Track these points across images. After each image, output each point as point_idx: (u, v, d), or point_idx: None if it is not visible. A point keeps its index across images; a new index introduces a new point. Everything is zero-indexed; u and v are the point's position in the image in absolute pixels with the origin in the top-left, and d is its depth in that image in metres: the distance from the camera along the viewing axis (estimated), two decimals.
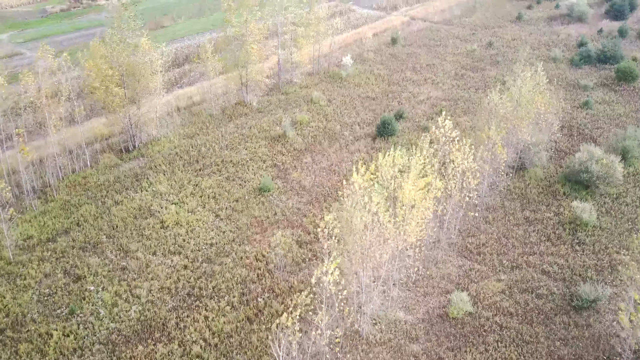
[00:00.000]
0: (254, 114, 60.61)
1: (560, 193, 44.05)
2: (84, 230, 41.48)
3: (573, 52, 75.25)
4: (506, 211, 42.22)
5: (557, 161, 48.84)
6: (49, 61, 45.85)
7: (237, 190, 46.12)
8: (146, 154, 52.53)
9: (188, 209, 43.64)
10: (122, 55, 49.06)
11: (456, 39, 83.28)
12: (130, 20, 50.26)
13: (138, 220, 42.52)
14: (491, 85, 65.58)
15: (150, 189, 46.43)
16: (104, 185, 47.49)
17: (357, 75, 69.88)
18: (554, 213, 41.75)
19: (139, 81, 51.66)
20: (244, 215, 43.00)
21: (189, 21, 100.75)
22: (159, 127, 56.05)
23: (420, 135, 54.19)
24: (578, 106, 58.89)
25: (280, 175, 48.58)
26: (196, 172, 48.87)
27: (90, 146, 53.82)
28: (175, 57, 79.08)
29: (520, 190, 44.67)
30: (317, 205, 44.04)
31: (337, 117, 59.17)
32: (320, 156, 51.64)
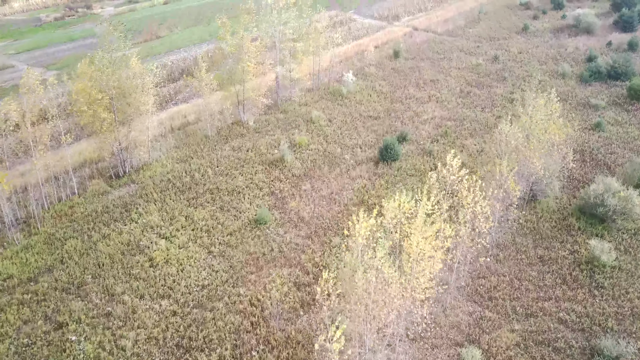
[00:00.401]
0: (251, 135, 58.05)
1: (574, 228, 41.43)
2: (69, 269, 38.92)
3: (582, 66, 72.64)
4: (518, 249, 39.62)
5: (569, 190, 46.24)
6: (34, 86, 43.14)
7: (231, 222, 43.55)
8: (137, 180, 49.98)
9: (179, 244, 41.07)
10: (112, 78, 46.42)
11: (460, 52, 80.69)
12: (120, 41, 47.62)
13: (126, 257, 39.94)
14: (498, 103, 63.19)
15: (140, 220, 43.86)
16: (92, 216, 44.93)
17: (358, 91, 67.33)
18: (569, 251, 39.13)
19: (130, 104, 49.13)
20: (239, 251, 40.41)
21: (186, 31, 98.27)
22: (152, 149, 53.52)
23: (424, 159, 51.88)
24: (589, 128, 56.25)
25: (278, 205, 46.01)
26: (189, 201, 46.31)
27: (79, 171, 51.35)
28: (170, 71, 76.68)
29: (532, 224, 42.07)
30: (317, 240, 41.43)
31: (338, 138, 56.60)
32: (320, 183, 49.07)
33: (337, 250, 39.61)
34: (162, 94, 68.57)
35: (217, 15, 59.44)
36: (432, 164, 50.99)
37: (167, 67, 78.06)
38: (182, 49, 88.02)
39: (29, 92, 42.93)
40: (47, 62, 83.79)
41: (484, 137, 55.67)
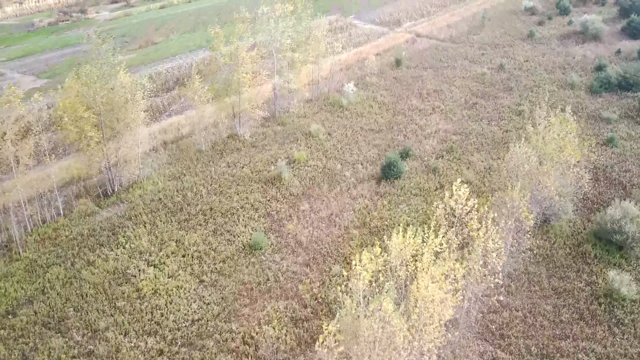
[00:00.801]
0: (247, 149, 55.50)
1: (590, 255, 38.84)
2: (50, 300, 36.35)
3: (590, 76, 70.08)
4: (530, 279, 37.03)
5: (583, 212, 43.66)
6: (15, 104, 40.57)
7: (225, 247, 40.98)
8: (126, 199, 47.42)
9: (168, 272, 38.48)
10: (100, 94, 43.78)
11: (464, 60, 78.16)
12: (108, 54, 45.00)
13: (111, 287, 37.37)
14: (505, 115, 60.67)
15: (127, 245, 41.28)
16: (77, 240, 42.35)
17: (359, 102, 64.78)
18: (585, 282, 36.54)
19: (119, 119, 46.55)
20: (232, 280, 37.83)
21: (182, 37, 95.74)
22: (143, 165, 50.92)
23: (429, 177, 49.32)
24: (601, 143, 53.68)
25: (274, 228, 43.44)
26: (180, 223, 43.74)
27: (65, 189, 48.77)
28: (164, 79, 74.18)
29: (545, 251, 39.48)
30: (315, 268, 38.86)
31: (338, 153, 54.04)
32: (319, 202, 46.50)
33: (336, 281, 37.04)
34: (156, 105, 66.14)
35: (209, 25, 56.77)
36: (438, 182, 48.51)
37: (161, 76, 75.65)
38: (178, 56, 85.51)
39: (9, 110, 40.34)
40: (38, 69, 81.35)
41: (490, 152, 53.14)
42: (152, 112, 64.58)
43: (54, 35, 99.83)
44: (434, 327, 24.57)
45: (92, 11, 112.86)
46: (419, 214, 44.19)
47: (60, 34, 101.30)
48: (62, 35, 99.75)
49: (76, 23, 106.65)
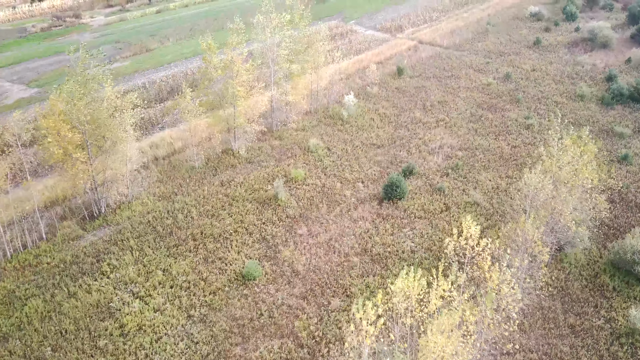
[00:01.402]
0: (242, 165, 52.86)
1: (608, 288, 36.15)
2: (27, 337, 33.67)
3: (601, 86, 67.45)
4: (545, 315, 34.31)
5: (599, 238, 40.95)
6: None
7: (215, 277, 38.29)
8: (113, 222, 44.76)
9: (155, 305, 35.79)
10: (84, 113, 41.00)
11: (469, 69, 75.48)
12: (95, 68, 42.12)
13: (93, 322, 34.68)
14: (513, 130, 57.99)
15: (112, 274, 38.59)
16: (59, 267, 39.68)
17: (360, 115, 62.12)
18: (604, 319, 33.84)
19: (105, 138, 43.80)
20: (222, 315, 35.14)
21: (178, 44, 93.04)
22: (132, 183, 48.18)
23: (434, 197, 46.64)
24: (615, 160, 50.97)
25: (269, 254, 40.75)
26: (169, 249, 41.06)
27: (48, 211, 46.09)
28: (158, 89, 71.53)
29: (559, 282, 36.76)
30: (313, 302, 36.16)
31: (337, 170, 51.37)
32: (317, 225, 43.83)
33: (336, 316, 34.36)
34: (148, 117, 63.49)
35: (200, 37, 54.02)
36: (443, 204, 45.83)
37: (155, 85, 73.06)
38: (173, 64, 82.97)
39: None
40: (29, 77, 78.75)
41: (499, 170, 50.45)
42: (144, 124, 61.99)
43: (47, 42, 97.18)
44: None
45: (87, 16, 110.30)
46: (424, 239, 41.50)
47: (52, 40, 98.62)
48: (54, 42, 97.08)
49: (70, 28, 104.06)
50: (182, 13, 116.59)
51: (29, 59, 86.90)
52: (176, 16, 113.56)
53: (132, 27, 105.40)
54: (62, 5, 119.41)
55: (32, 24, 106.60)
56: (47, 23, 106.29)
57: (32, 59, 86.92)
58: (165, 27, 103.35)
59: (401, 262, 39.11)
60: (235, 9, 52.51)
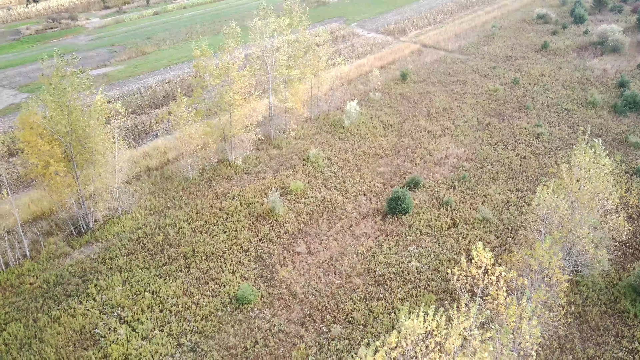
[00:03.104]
0: (238, 177, 50.43)
1: (629, 315, 33.64)
2: None
3: (613, 92, 64.92)
4: (562, 345, 31.80)
5: (618, 259, 38.43)
6: None
7: (208, 300, 35.82)
8: (102, 238, 42.34)
9: (142, 332, 33.33)
10: (62, 124, 38.43)
11: (475, 74, 72.99)
12: (73, 77, 39.39)
13: (77, 351, 32.23)
14: (522, 139, 55.48)
15: (99, 297, 36.15)
16: (42, 289, 37.24)
17: (362, 123, 59.66)
18: (627, 350, 31.33)
19: (89, 150, 41.21)
20: (215, 343, 32.67)
21: (174, 48, 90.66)
22: (122, 195, 45.71)
23: (441, 212, 44.19)
24: (631, 172, 48.45)
25: (266, 274, 38.29)
26: (159, 269, 38.60)
27: (33, 226, 43.67)
28: (153, 95, 69.16)
29: (577, 308, 34.24)
30: (312, 328, 33.68)
31: (339, 182, 48.91)
32: (317, 243, 41.37)
33: (336, 345, 31.90)
34: (142, 124, 61.16)
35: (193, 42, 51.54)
36: (450, 219, 43.34)
37: (150, 90, 70.72)
38: (169, 68, 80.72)
39: None
40: (20, 82, 76.46)
41: (508, 183, 47.96)
42: (137, 132, 59.67)
43: (40, 45, 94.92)
44: None
45: (82, 18, 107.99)
46: (431, 258, 39.03)
47: (47, 42, 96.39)
48: (48, 45, 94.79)
49: (65, 31, 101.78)
50: (180, 15, 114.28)
51: (21, 64, 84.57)
52: (173, 18, 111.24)
53: (128, 29, 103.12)
54: (58, 6, 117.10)
55: (27, 25, 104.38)
56: (42, 25, 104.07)
57: (25, 62, 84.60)
58: (162, 30, 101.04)
59: (406, 284, 36.64)
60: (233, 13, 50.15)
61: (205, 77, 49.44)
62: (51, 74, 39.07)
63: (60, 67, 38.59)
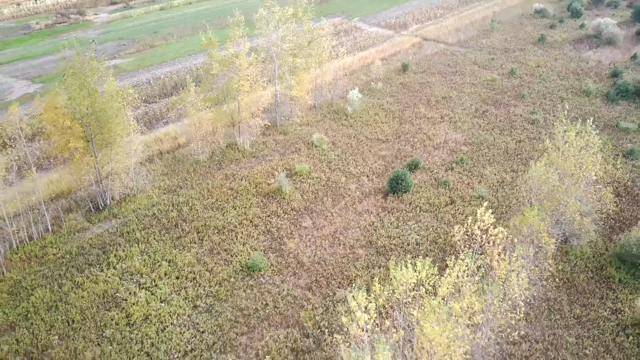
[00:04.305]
0: (246, 160, 52.94)
1: (614, 280, 36.09)
2: (34, 326, 33.77)
3: (606, 82, 67.32)
4: (551, 306, 34.27)
5: (605, 232, 40.88)
6: None
7: (221, 268, 38.36)
8: (119, 214, 44.90)
9: (161, 296, 35.87)
10: (84, 105, 41.09)
11: (474, 65, 75.43)
12: (91, 62, 42.13)
13: (100, 312, 34.77)
14: (517, 125, 57.94)
15: (118, 265, 38.71)
16: (65, 258, 39.82)
17: (364, 110, 62.14)
18: (610, 310, 33.78)
19: (108, 131, 43.82)
20: (228, 306, 35.19)
21: (181, 41, 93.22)
22: (137, 176, 48.35)
23: (439, 191, 46.64)
24: (621, 155, 50.88)
25: (274, 246, 40.81)
26: (174, 241, 41.15)
27: (54, 203, 46.26)
28: (162, 85, 71.68)
29: (565, 274, 36.71)
30: (318, 292, 36.18)
31: (342, 165, 51.40)
32: (322, 219, 43.86)
33: (341, 307, 34.36)
34: (152, 112, 63.70)
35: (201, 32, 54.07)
36: (448, 197, 45.80)
37: (159, 81, 73.25)
38: (177, 60, 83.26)
39: None
40: (33, 74, 79.01)
41: (504, 164, 50.40)
42: (148, 119, 62.22)
43: (50, 39, 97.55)
44: None
45: (90, 13, 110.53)
46: (429, 232, 41.49)
47: (56, 37, 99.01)
48: (58, 39, 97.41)
49: (73, 26, 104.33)
50: (185, 11, 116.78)
51: (32, 56, 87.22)
52: (179, 14, 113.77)
53: (135, 24, 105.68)
54: (66, 2, 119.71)
55: (36, 20, 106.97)
56: (51, 20, 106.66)
57: (36, 56, 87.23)
58: (168, 25, 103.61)
59: (406, 254, 39.10)
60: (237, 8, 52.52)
61: (213, 65, 51.90)
62: (72, 58, 41.65)
63: (80, 52, 41.16)
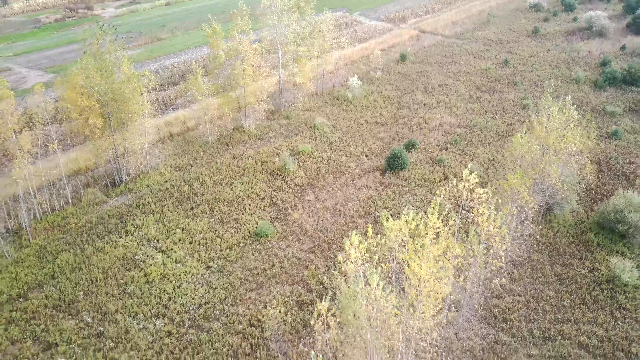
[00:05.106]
0: (252, 142, 56.11)
1: (593, 244, 39.21)
2: (60, 284, 36.96)
3: (595, 71, 70.41)
4: (534, 266, 37.42)
5: (587, 202, 44.01)
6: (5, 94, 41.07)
7: (231, 235, 41.55)
8: (134, 189, 48.08)
9: (176, 258, 39.07)
10: (102, 84, 44.34)
11: (469, 56, 78.55)
12: (109, 45, 45.48)
13: (120, 272, 37.97)
14: (509, 109, 61.05)
15: (136, 233, 41.91)
16: (86, 227, 43.02)
17: (364, 97, 65.29)
18: (588, 269, 36.91)
19: (124, 109, 47.05)
20: (238, 266, 38.39)
21: (187, 34, 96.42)
22: (150, 156, 51.58)
23: (434, 168, 49.76)
24: (606, 136, 53.99)
25: (280, 217, 43.99)
26: (186, 212, 44.35)
27: (74, 179, 49.49)
28: (170, 74, 74.84)
29: (548, 239, 39.85)
30: (320, 255, 39.36)
31: (343, 146, 54.56)
32: (324, 193, 47.03)
33: (340, 268, 37.49)
34: (162, 98, 66.83)
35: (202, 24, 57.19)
36: (442, 174, 48.91)
37: (167, 71, 76.40)
38: (184, 52, 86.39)
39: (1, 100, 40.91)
40: (45, 64, 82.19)
41: (495, 145, 53.52)
42: (158, 105, 65.36)
43: (60, 32, 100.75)
44: (431, 306, 24.92)
45: (98, 8, 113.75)
46: (424, 203, 44.61)
47: (66, 30, 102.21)
48: (67, 32, 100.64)
49: (82, 19, 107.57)
50: (191, 6, 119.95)
51: (44, 48, 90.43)
52: (184, 9, 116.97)
53: (142, 18, 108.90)
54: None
55: (46, 15, 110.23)
56: (61, 14, 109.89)
57: (47, 48, 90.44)
58: (174, 19, 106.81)
59: None
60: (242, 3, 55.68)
61: (219, 53, 55.07)
62: (92, 42, 44.93)
63: (99, 35, 44.42)
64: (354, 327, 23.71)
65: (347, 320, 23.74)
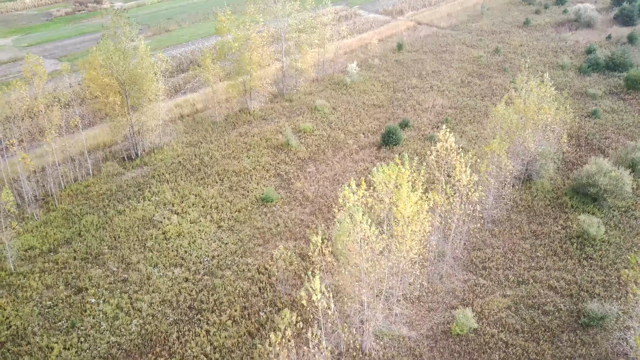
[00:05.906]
0: (257, 122, 60.25)
1: (567, 206, 43.37)
2: (86, 241, 41.20)
3: (581, 59, 74.48)
4: (512, 224, 41.59)
5: (564, 173, 48.15)
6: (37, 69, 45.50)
7: (239, 200, 45.75)
8: (149, 163, 52.26)
9: (190, 219, 43.29)
10: (120, 64, 48.59)
11: (462, 45, 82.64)
12: (125, 26, 49.82)
13: (140, 230, 42.20)
14: (498, 92, 65.13)
15: (153, 198, 46.13)
16: (106, 194, 47.23)
17: (362, 82, 69.41)
18: (561, 226, 41.09)
19: (140, 88, 51.29)
20: (246, 226, 42.60)
21: (193, 26, 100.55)
22: (162, 134, 55.82)
23: (425, 144, 53.92)
24: (586, 115, 58.12)
25: (284, 185, 48.17)
26: (198, 181, 48.54)
27: (93, 154, 53.71)
28: (179, 62, 78.95)
29: (526, 202, 44.02)
30: (321, 217, 43.55)
31: (342, 125, 58.70)
32: (324, 166, 51.19)
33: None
34: (172, 84, 70.98)
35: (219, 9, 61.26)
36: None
37: (176, 59, 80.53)
38: (190, 42, 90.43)
39: (34, 76, 45.20)
40: (59, 54, 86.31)
41: (482, 123, 57.63)
42: (169, 90, 69.52)
43: (72, 24, 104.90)
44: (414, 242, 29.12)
45: (107, 2, 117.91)
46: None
47: (76, 23, 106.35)
48: (78, 24, 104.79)
49: (92, 13, 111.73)
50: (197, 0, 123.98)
51: (56, 39, 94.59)
52: (191, 2, 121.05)
53: (150, 11, 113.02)
54: None
55: (57, 8, 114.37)
56: (71, 8, 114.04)
57: (61, 38, 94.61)
58: (181, 12, 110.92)
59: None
60: None
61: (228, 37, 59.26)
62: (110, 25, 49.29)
63: (116, 20, 48.74)
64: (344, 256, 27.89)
65: (337, 249, 27.94)
